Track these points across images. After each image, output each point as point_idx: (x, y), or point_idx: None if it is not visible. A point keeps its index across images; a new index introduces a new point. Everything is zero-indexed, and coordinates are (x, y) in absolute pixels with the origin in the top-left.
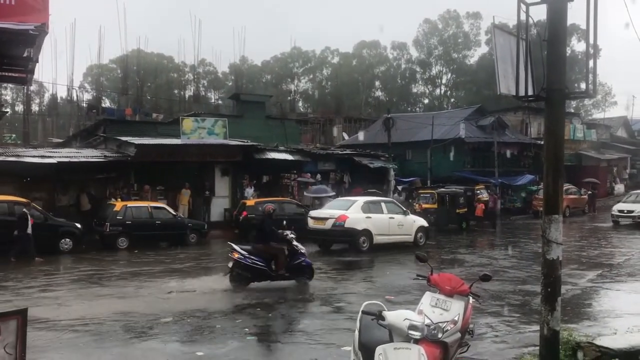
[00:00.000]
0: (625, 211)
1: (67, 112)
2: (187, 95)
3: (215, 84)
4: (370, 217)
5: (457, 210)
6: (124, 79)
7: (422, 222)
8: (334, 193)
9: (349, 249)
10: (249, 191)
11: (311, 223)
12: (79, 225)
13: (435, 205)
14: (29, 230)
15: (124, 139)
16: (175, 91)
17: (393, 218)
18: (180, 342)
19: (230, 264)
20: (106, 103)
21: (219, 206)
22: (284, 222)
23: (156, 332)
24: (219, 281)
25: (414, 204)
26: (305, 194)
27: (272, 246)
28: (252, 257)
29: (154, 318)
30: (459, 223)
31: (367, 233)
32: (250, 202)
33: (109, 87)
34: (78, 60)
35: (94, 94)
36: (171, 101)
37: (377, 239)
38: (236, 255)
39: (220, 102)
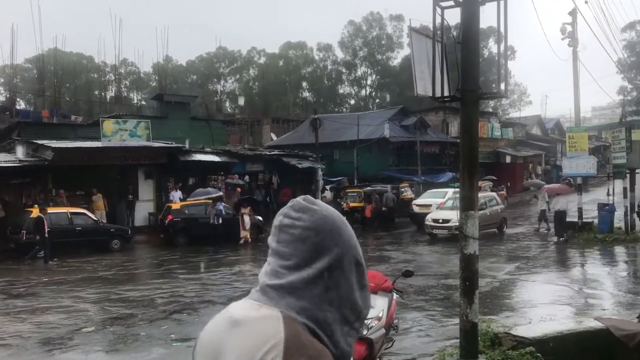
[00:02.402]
0: (441, 220)
1: None
2: (108, 96)
3: (138, 84)
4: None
5: (383, 208)
6: (40, 80)
7: None
8: (220, 192)
9: None
10: (175, 194)
11: (416, 209)
12: None
13: (362, 204)
14: (47, 235)
15: (40, 142)
16: (96, 92)
17: None
18: (103, 352)
19: None
20: (21, 105)
21: (143, 210)
22: None
23: (77, 343)
24: None
25: (342, 203)
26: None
27: None
28: None
29: (75, 328)
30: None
31: None
32: (175, 206)
33: (23, 88)
34: None
35: (7, 95)
36: (91, 102)
37: None
38: None
39: (143, 103)
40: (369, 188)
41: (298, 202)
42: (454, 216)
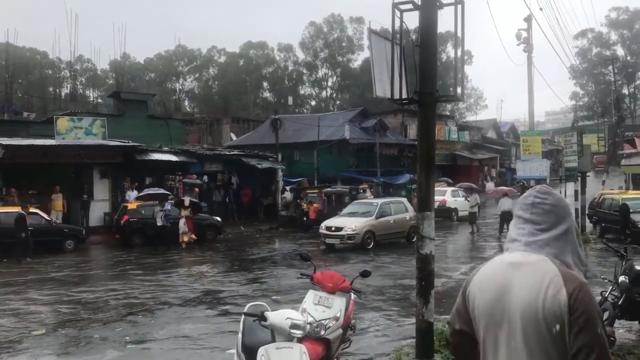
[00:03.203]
0: (333, 228)
1: None
2: (63, 93)
3: (95, 81)
4: (456, 200)
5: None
6: None
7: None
8: (167, 192)
9: (443, 219)
10: (131, 194)
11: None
12: None
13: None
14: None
15: None
16: (50, 89)
17: (462, 199)
18: (54, 355)
19: None
20: None
21: (98, 210)
22: None
23: (26, 347)
24: None
25: (302, 203)
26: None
27: None
28: None
29: (25, 331)
30: None
31: (455, 210)
32: (132, 206)
33: None
34: None
35: None
36: (45, 99)
37: (459, 214)
38: None
39: (100, 100)
40: (328, 189)
41: (541, 187)
42: (348, 224)
